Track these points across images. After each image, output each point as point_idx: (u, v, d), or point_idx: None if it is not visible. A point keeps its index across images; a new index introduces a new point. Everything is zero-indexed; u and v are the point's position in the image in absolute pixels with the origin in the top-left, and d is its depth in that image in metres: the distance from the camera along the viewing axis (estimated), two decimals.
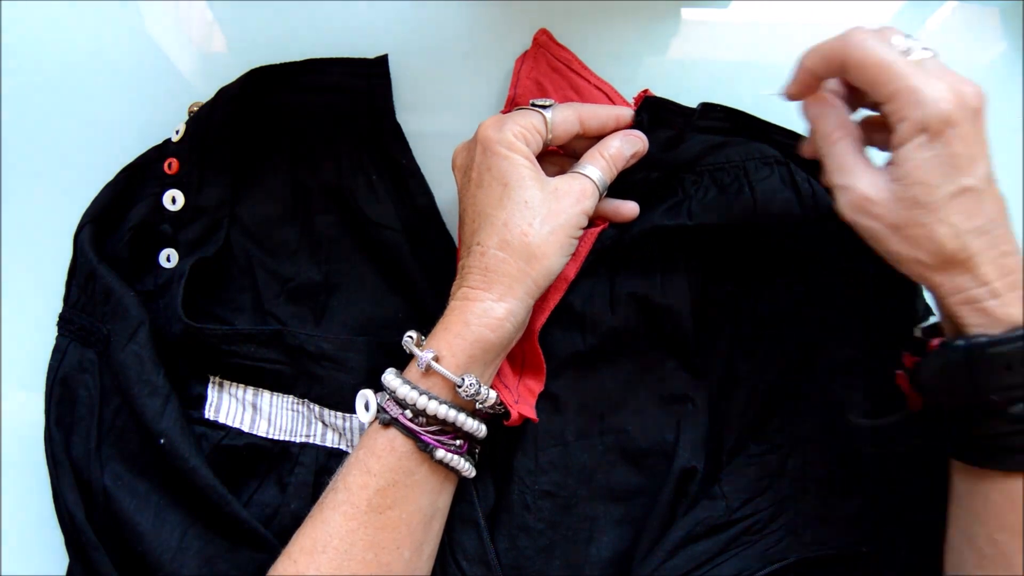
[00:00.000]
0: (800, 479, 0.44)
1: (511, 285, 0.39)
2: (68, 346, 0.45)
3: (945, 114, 0.34)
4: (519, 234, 0.39)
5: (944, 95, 0.34)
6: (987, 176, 0.35)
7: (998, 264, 0.34)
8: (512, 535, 0.45)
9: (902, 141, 0.35)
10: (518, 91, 0.48)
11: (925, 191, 0.34)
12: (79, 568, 0.43)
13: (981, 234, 0.34)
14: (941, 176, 0.34)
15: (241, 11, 0.50)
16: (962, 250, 0.34)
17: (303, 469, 0.45)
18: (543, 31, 0.48)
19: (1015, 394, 0.34)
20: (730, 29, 0.51)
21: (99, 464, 0.43)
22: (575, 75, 0.48)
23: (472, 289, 0.39)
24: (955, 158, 0.34)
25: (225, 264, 0.48)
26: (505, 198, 0.39)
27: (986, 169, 0.35)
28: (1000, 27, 0.51)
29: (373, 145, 0.48)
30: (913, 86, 0.34)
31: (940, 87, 0.34)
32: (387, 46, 0.49)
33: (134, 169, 0.47)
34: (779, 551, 0.42)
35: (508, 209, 0.39)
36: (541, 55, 0.48)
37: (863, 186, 0.36)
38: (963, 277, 0.35)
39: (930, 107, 0.34)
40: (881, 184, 0.36)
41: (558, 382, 0.46)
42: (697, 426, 0.45)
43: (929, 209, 0.34)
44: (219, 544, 0.43)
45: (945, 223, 0.34)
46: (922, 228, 0.35)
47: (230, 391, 0.46)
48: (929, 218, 0.34)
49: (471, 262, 0.40)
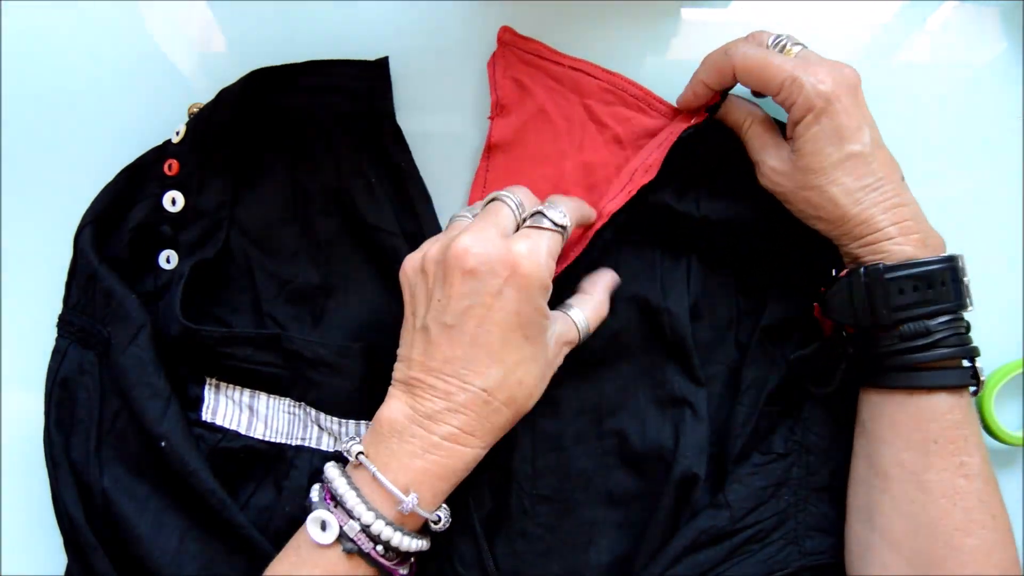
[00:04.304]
0: (803, 488, 0.44)
1: (497, 433, 0.39)
2: (68, 348, 0.45)
3: (825, 93, 0.39)
4: (526, 396, 0.39)
5: (821, 77, 0.40)
6: (874, 141, 0.40)
7: (891, 213, 0.40)
8: (511, 540, 0.45)
9: (795, 120, 0.41)
10: (500, 95, 0.48)
11: (817, 159, 0.40)
12: (78, 569, 0.43)
13: (872, 190, 0.40)
14: (829, 145, 0.40)
15: (241, 11, 0.50)
16: (855, 204, 0.40)
17: (298, 472, 0.45)
18: (505, 29, 0.48)
19: (907, 314, 0.39)
20: (730, 29, 0.51)
21: (98, 466, 0.43)
22: (550, 63, 0.48)
23: (463, 434, 0.38)
24: (840, 129, 0.40)
25: (224, 265, 0.47)
26: (524, 350, 0.38)
27: (872, 135, 0.40)
28: (1000, 27, 0.51)
29: (373, 148, 0.48)
30: (793, 75, 0.40)
31: (817, 71, 0.40)
32: (387, 46, 0.48)
33: (134, 170, 0.47)
34: (781, 560, 0.42)
35: (524, 365, 0.38)
36: (510, 53, 0.48)
37: (771, 160, 0.43)
38: (861, 227, 0.40)
39: (810, 89, 0.39)
40: (785, 156, 0.42)
41: (557, 386, 0.46)
42: (697, 432, 0.45)
43: (821, 173, 0.40)
44: (217, 548, 0.43)
45: (836, 184, 0.40)
46: (818, 190, 0.40)
47: (227, 393, 0.46)
48: (822, 180, 0.40)
49: (467, 403, 0.38)
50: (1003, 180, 0.51)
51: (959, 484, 0.38)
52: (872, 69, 0.51)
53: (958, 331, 0.39)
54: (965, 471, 0.38)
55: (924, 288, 0.39)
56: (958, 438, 0.38)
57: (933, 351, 0.39)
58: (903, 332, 0.39)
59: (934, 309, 0.39)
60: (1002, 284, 0.50)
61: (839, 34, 0.51)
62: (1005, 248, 0.50)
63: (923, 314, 0.39)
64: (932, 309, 0.39)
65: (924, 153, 0.50)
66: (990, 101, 0.51)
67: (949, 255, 0.40)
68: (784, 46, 0.43)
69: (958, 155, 0.50)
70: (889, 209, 0.40)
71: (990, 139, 0.51)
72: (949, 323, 0.39)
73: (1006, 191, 0.50)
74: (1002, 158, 0.51)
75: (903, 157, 0.42)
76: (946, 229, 0.42)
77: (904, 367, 0.40)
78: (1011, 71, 0.51)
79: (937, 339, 0.39)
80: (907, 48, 0.51)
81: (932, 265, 0.39)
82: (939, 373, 0.39)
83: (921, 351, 0.39)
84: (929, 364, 0.39)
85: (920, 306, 0.39)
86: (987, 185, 0.50)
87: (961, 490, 0.38)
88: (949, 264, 0.39)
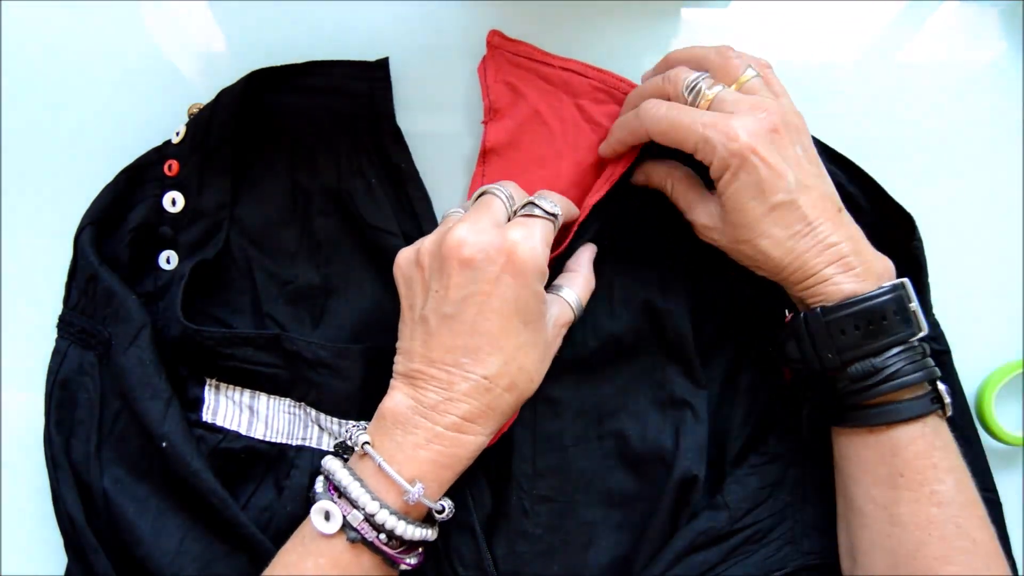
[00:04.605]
0: (800, 488, 0.44)
1: (500, 420, 0.39)
2: (68, 348, 0.45)
3: (738, 150, 0.38)
4: (527, 381, 0.39)
5: (732, 133, 0.38)
6: (799, 184, 0.39)
7: (826, 255, 0.39)
8: (510, 540, 0.45)
9: (715, 178, 0.40)
10: (492, 98, 0.48)
11: (741, 215, 0.39)
12: (78, 569, 0.43)
13: (802, 236, 0.39)
14: (752, 199, 0.39)
15: (241, 11, 0.50)
16: (787, 253, 0.39)
17: (299, 472, 0.45)
18: (494, 32, 0.48)
19: (854, 354, 0.39)
20: (730, 29, 0.51)
21: (99, 467, 0.43)
22: (540, 65, 0.48)
23: (468, 423, 0.38)
24: (760, 183, 0.38)
25: (224, 266, 0.47)
26: (524, 336, 0.38)
27: (796, 177, 0.39)
28: (1000, 27, 0.51)
29: (373, 148, 0.48)
30: (704, 136, 0.38)
31: (728, 127, 0.38)
32: (387, 46, 0.48)
33: (134, 171, 0.47)
34: (779, 560, 0.43)
35: (524, 351, 0.38)
36: (500, 56, 0.48)
37: (701, 217, 0.42)
38: (796, 273, 0.39)
39: (722, 150, 0.38)
40: (713, 211, 0.42)
41: (558, 386, 0.46)
42: (697, 433, 0.45)
43: (748, 228, 0.39)
44: (217, 548, 0.43)
45: (764, 236, 0.39)
46: (748, 244, 0.40)
47: (227, 394, 0.46)
48: (750, 234, 0.39)
49: (469, 392, 0.38)
50: (1003, 180, 0.51)
51: (932, 513, 0.37)
52: (872, 69, 0.51)
53: (912, 359, 0.38)
54: (937, 499, 0.37)
55: (865, 325, 0.38)
56: (925, 468, 0.38)
57: (886, 384, 0.38)
58: (851, 374, 0.39)
59: (882, 344, 0.38)
60: (1002, 284, 0.50)
61: (839, 34, 0.51)
62: (1005, 248, 0.50)
63: (870, 351, 0.38)
64: (880, 344, 0.38)
65: (924, 153, 0.50)
66: (990, 101, 0.51)
67: (892, 284, 0.39)
68: (699, 91, 0.40)
69: (958, 155, 0.50)
70: (823, 251, 0.39)
71: (990, 139, 0.51)
72: (900, 354, 0.38)
73: (1006, 191, 0.51)
74: (1002, 158, 0.51)
75: (903, 157, 0.42)
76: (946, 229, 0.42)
77: (859, 406, 0.39)
78: (1011, 71, 0.51)
79: (889, 373, 0.38)
80: (907, 48, 0.51)
81: (874, 299, 0.38)
82: (895, 407, 0.38)
83: (872, 388, 0.38)
84: (883, 400, 0.39)
85: (867, 343, 0.38)
86: (987, 185, 0.50)
87: (935, 519, 0.37)
88: (892, 294, 0.38)
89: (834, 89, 0.51)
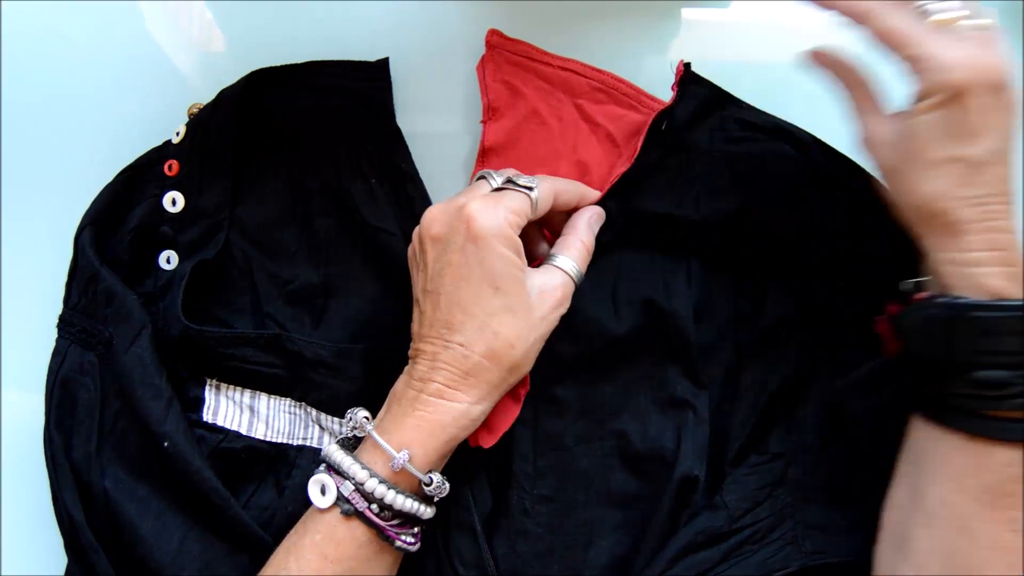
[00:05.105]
0: (801, 488, 0.44)
1: (489, 391, 0.39)
2: (68, 348, 0.45)
3: (955, 83, 0.34)
4: (506, 346, 0.39)
5: (958, 64, 0.34)
6: (995, 151, 0.35)
7: (987, 237, 0.35)
8: (511, 540, 0.45)
9: (916, 97, 0.36)
10: (491, 98, 0.48)
11: (918, 148, 0.36)
12: (78, 569, 0.43)
13: (974, 205, 0.35)
14: (938, 139, 0.35)
15: (241, 11, 0.50)
16: (948, 213, 0.35)
17: (299, 472, 0.45)
18: (492, 31, 0.48)
19: (985, 360, 0.35)
20: (730, 29, 0.51)
21: (99, 467, 0.43)
22: (539, 64, 0.48)
23: (448, 389, 0.39)
24: (957, 126, 0.35)
25: (225, 266, 0.47)
26: (495, 301, 0.38)
27: (996, 144, 0.35)
28: (1000, 27, 0.51)
29: (373, 148, 0.48)
30: (925, 53, 0.34)
31: (957, 55, 0.34)
32: (387, 47, 0.49)
33: (134, 171, 0.47)
34: (779, 560, 0.42)
35: (497, 316, 0.38)
36: (499, 55, 0.48)
37: (871, 126, 0.39)
38: (948, 239, 0.36)
39: (940, 74, 0.34)
40: (888, 128, 0.38)
41: (560, 386, 0.46)
42: (698, 434, 0.45)
43: (917, 165, 0.36)
44: (218, 548, 0.43)
45: (929, 183, 0.35)
46: (907, 181, 0.36)
47: (227, 394, 0.46)
48: (914, 174, 0.36)
49: (449, 359, 0.38)
50: None
51: (1007, 538, 0.35)
52: (872, 69, 0.51)
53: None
54: (1014, 526, 0.35)
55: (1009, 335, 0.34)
56: (1014, 492, 0.35)
57: (1010, 401, 0.35)
58: (976, 378, 0.35)
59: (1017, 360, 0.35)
60: None
61: (840, 34, 0.51)
62: None
63: (1004, 363, 0.35)
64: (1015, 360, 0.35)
65: None
66: None
67: None
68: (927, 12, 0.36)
69: None
70: (987, 232, 0.35)
71: None
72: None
73: None
74: None
75: None
76: None
77: (971, 412, 0.36)
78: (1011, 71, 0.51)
79: (1012, 392, 0.35)
80: None
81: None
82: (1005, 425, 0.35)
83: (991, 400, 0.35)
84: (1001, 415, 0.35)
85: (1003, 355, 0.35)
86: None
87: (1009, 544, 0.35)
88: None
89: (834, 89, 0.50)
